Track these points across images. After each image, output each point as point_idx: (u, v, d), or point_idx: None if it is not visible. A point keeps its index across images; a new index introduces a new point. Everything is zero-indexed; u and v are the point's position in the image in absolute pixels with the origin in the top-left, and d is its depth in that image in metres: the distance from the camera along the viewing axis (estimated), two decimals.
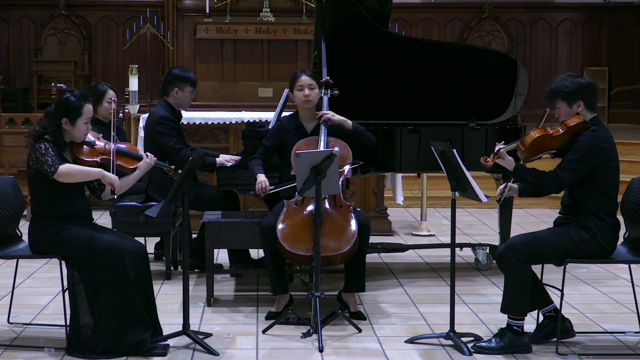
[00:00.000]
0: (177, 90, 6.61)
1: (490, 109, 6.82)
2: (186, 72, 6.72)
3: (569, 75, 4.99)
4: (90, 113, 4.94)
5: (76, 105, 4.87)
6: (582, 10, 14.61)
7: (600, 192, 4.86)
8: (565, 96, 4.91)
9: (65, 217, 4.87)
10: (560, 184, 4.83)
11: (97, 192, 5.08)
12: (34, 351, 4.88)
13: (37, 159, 4.78)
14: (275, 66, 13.61)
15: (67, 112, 4.87)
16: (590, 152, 4.81)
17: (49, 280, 6.49)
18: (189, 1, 13.97)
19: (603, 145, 4.85)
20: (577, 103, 4.91)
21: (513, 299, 4.86)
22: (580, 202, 4.89)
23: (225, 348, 4.98)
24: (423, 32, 14.37)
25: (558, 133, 4.86)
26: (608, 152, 4.88)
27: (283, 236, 5.36)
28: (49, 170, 4.74)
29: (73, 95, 4.91)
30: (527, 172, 4.87)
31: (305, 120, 5.81)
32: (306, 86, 5.73)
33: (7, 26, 14.27)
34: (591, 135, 4.84)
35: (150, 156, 5.13)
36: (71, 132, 4.90)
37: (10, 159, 9.41)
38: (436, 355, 4.88)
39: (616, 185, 4.92)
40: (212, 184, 7.60)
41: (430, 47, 6.97)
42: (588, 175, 4.84)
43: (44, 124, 4.91)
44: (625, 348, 5.03)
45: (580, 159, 4.81)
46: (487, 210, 9.54)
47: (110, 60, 14.27)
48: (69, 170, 4.78)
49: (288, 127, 5.82)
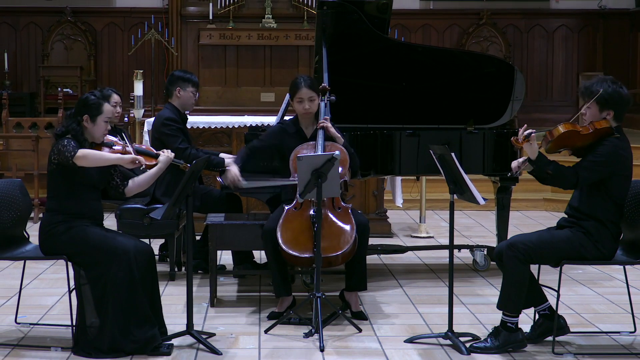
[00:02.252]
0: (179, 89, 6.63)
1: (488, 114, 6.82)
2: (188, 74, 6.78)
3: (613, 82, 4.89)
4: (111, 113, 5.01)
5: (97, 103, 4.93)
6: (577, 17, 14.61)
7: (611, 199, 4.84)
8: (601, 101, 4.84)
9: (78, 214, 4.89)
10: (578, 181, 4.80)
11: (120, 187, 5.09)
12: (41, 350, 4.89)
13: (58, 151, 4.80)
14: (277, 71, 13.61)
15: (88, 109, 4.92)
16: (613, 157, 4.79)
17: (55, 281, 6.50)
18: (192, 8, 13.97)
19: (624, 154, 4.84)
20: (608, 111, 4.87)
21: (510, 297, 4.86)
22: (588, 206, 4.86)
23: (228, 347, 4.98)
24: (422, 38, 14.37)
25: (586, 132, 4.81)
26: (627, 161, 4.86)
27: (284, 239, 5.36)
28: (69, 155, 4.76)
29: (93, 94, 5.00)
30: (549, 163, 4.81)
31: (305, 126, 5.82)
32: (306, 99, 5.72)
33: (15, 32, 14.27)
34: (615, 142, 4.82)
35: (168, 151, 5.16)
36: (91, 130, 4.93)
37: (17, 163, 9.41)
38: (435, 355, 4.88)
39: (626, 194, 4.90)
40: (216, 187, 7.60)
41: (429, 53, 6.98)
42: (603, 181, 4.82)
43: (66, 123, 4.96)
44: (620, 347, 5.04)
45: (602, 163, 4.79)
46: (484, 213, 9.54)
47: (116, 65, 14.27)
48: (86, 153, 4.80)
49: (289, 131, 5.82)
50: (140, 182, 5.12)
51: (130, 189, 5.12)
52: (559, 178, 4.83)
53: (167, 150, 5.17)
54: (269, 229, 5.48)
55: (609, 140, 4.83)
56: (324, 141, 5.64)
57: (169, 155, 5.12)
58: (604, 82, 4.89)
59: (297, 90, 5.73)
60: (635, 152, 10.58)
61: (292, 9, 13.94)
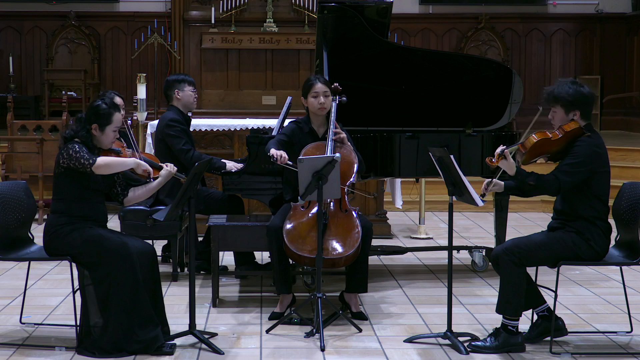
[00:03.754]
0: (177, 91, 6.64)
1: (486, 116, 6.83)
2: (181, 75, 6.82)
3: (572, 82, 4.93)
4: (120, 122, 4.98)
5: (107, 113, 4.91)
6: (575, 21, 14.61)
7: (594, 197, 4.85)
8: (565, 104, 4.88)
9: (83, 217, 4.89)
10: (560, 186, 4.81)
11: (120, 197, 5.09)
12: (46, 350, 4.89)
13: (69, 156, 4.79)
14: (279, 75, 13.61)
15: (97, 118, 4.90)
16: (589, 157, 4.81)
17: (60, 282, 6.50)
18: (195, 12, 13.97)
19: (599, 150, 4.85)
20: (574, 112, 4.89)
21: (508, 300, 4.86)
22: (573, 207, 4.88)
23: (230, 347, 4.98)
24: (421, 42, 14.36)
25: (557, 137, 4.84)
26: (603, 157, 4.88)
27: (289, 237, 5.37)
28: (87, 163, 4.75)
29: (104, 102, 4.95)
30: (528, 175, 4.84)
31: (317, 126, 5.82)
32: (321, 94, 5.72)
33: (20, 36, 14.28)
34: (589, 141, 4.83)
35: (171, 165, 5.13)
36: (100, 138, 4.92)
37: (22, 165, 9.42)
38: (434, 354, 4.88)
39: (608, 190, 4.92)
40: (218, 189, 7.61)
41: (429, 57, 6.99)
42: (584, 180, 4.83)
43: (75, 128, 4.94)
44: (616, 347, 5.04)
45: (579, 164, 4.80)
46: (483, 214, 9.54)
47: (119, 69, 14.27)
48: (106, 160, 4.80)
49: (304, 129, 5.82)
50: (140, 194, 5.11)
51: (129, 199, 5.12)
52: (541, 187, 4.85)
53: (170, 165, 5.14)
54: (274, 226, 5.48)
55: (582, 140, 4.84)
56: (334, 143, 5.63)
57: (170, 170, 5.08)
58: (564, 84, 4.92)
59: (313, 85, 5.73)
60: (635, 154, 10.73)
61: (293, 13, 13.94)
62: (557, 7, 14.56)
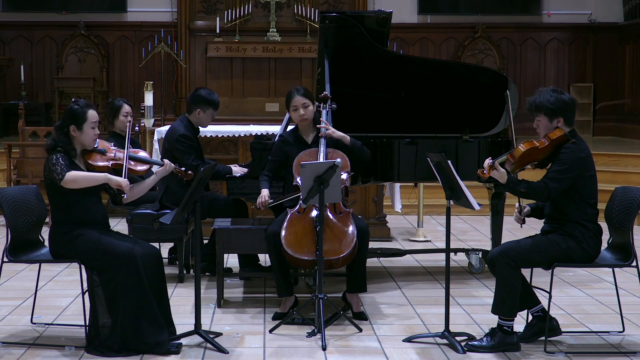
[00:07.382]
0: (199, 111, 6.58)
1: (483, 123, 6.82)
2: (212, 95, 6.63)
3: (553, 90, 4.97)
4: (96, 118, 4.95)
5: (80, 112, 4.90)
6: (568, 30, 14.63)
7: (583, 201, 4.87)
8: (548, 112, 4.91)
9: (81, 222, 4.88)
10: (550, 192, 4.84)
11: (118, 197, 5.08)
12: (56, 349, 4.89)
13: (49, 168, 4.80)
14: (281, 82, 13.62)
15: (73, 119, 4.90)
16: (575, 163, 4.83)
17: (69, 283, 6.50)
18: (200, 22, 14.00)
19: (583, 155, 4.88)
20: (557, 119, 4.92)
21: (503, 301, 4.86)
22: (564, 212, 4.90)
23: (234, 347, 4.99)
24: (420, 51, 14.39)
25: (543, 145, 4.87)
26: (588, 162, 4.91)
27: (287, 242, 5.37)
28: (57, 177, 4.76)
29: (77, 104, 4.95)
30: (519, 183, 4.88)
31: (304, 133, 5.85)
32: (300, 106, 5.77)
33: (31, 45, 14.31)
34: (573, 148, 4.86)
35: (168, 162, 5.15)
36: (80, 139, 4.91)
37: (33, 170, 9.41)
38: (432, 354, 4.88)
39: (596, 193, 4.94)
40: (223, 193, 7.61)
41: (427, 65, 6.99)
42: (572, 185, 4.85)
43: (55, 137, 4.93)
44: (609, 346, 5.04)
45: (566, 170, 4.82)
46: (480, 218, 9.54)
47: (127, 77, 14.30)
48: (74, 177, 4.77)
49: (289, 140, 5.85)
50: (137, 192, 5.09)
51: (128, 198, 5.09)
52: (532, 194, 4.90)
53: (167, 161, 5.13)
54: (272, 232, 5.49)
55: (567, 147, 4.87)
56: (325, 148, 5.66)
57: (167, 167, 5.09)
58: (545, 93, 4.95)
59: (291, 99, 5.80)
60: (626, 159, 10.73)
61: (296, 22, 13.96)
62: (552, 17, 14.58)
